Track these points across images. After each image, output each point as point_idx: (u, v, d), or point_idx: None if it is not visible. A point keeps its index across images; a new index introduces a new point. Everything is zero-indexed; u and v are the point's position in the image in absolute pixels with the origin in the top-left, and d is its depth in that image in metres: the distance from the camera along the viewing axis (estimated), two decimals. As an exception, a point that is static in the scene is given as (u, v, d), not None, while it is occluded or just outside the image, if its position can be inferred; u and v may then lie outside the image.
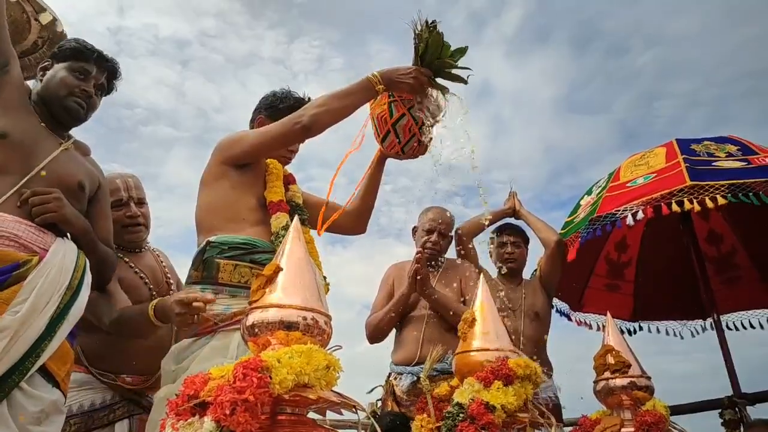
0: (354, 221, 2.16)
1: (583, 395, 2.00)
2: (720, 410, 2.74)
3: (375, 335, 2.73)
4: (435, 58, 1.84)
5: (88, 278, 1.54)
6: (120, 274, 1.92)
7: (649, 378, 1.88)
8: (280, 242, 1.67)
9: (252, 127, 2.11)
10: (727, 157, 2.72)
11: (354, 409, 1.16)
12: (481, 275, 1.85)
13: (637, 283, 3.72)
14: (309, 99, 2.05)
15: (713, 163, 2.69)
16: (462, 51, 1.85)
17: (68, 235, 1.56)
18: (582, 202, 3.22)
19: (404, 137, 1.94)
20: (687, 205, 2.52)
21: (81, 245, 1.56)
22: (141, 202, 2.13)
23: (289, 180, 2.10)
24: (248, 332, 1.14)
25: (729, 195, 2.49)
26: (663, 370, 1.93)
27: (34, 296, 1.35)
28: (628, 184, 2.85)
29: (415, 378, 2.53)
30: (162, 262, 2.20)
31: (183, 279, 2.03)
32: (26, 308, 1.33)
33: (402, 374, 2.60)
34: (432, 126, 1.90)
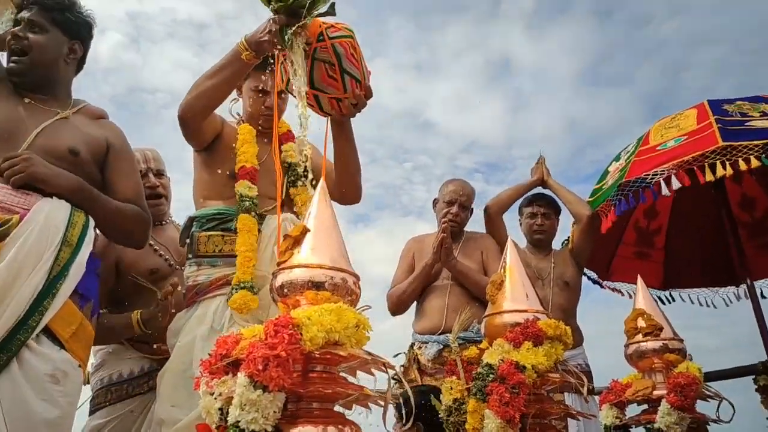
0: (339, 194, 1.94)
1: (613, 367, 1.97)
2: (754, 376, 2.69)
3: (398, 307, 2.76)
4: (284, 1, 1.52)
5: (90, 235, 1.53)
6: None
7: (681, 341, 1.85)
8: (239, 211, 1.75)
9: (238, 94, 2.08)
10: (761, 116, 2.61)
11: (384, 368, 1.17)
12: (509, 240, 1.83)
13: (668, 251, 3.63)
14: None
15: (746, 123, 2.59)
16: None
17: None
18: (610, 169, 3.14)
19: (325, 105, 1.65)
20: (720, 171, 2.44)
21: (77, 204, 1.53)
22: (160, 174, 2.15)
23: (282, 139, 2.05)
24: (277, 293, 1.15)
25: (763, 156, 2.41)
26: (692, 345, 1.90)
27: (15, 252, 1.35)
28: (658, 148, 2.76)
29: (441, 347, 2.55)
30: None
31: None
32: (8, 264, 1.34)
33: (427, 343, 2.62)
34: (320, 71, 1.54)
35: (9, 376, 1.30)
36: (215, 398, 1.05)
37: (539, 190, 3.10)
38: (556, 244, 3.11)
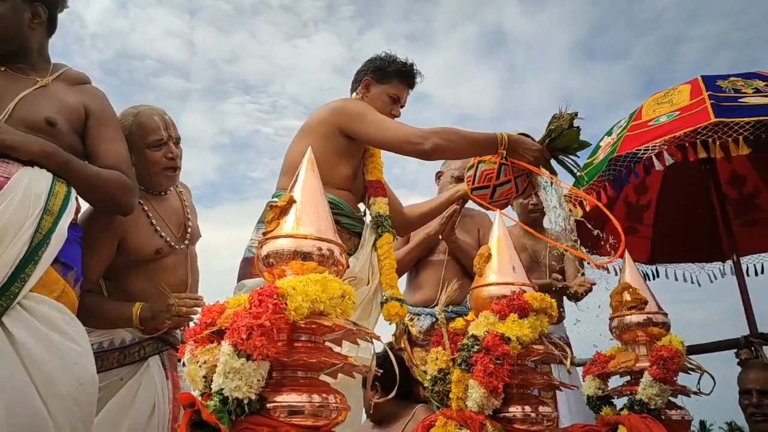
0: (402, 228, 2.29)
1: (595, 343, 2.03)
2: (736, 350, 2.73)
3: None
4: (562, 147, 1.97)
5: (71, 205, 1.52)
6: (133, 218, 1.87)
7: (665, 314, 1.87)
8: (380, 224, 1.96)
9: (355, 88, 2.19)
10: (754, 92, 2.60)
11: (369, 338, 1.18)
12: (498, 214, 1.83)
13: (656, 226, 3.65)
14: (413, 64, 2.17)
15: (739, 100, 2.58)
16: (586, 145, 2.01)
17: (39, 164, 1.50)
18: (602, 144, 3.13)
19: (498, 197, 2.06)
20: (712, 152, 2.43)
21: (51, 170, 1.50)
22: (178, 141, 2.04)
23: (377, 190, 2.17)
24: (263, 263, 1.15)
25: (751, 138, 2.41)
26: (678, 319, 1.92)
27: None
28: (650, 123, 2.75)
29: (435, 319, 2.58)
30: (185, 201, 2.15)
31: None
32: None
33: (420, 315, 2.65)
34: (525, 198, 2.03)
35: (14, 316, 1.33)
36: (200, 366, 1.05)
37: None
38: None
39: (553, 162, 2.05)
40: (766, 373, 2.25)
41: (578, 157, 2.05)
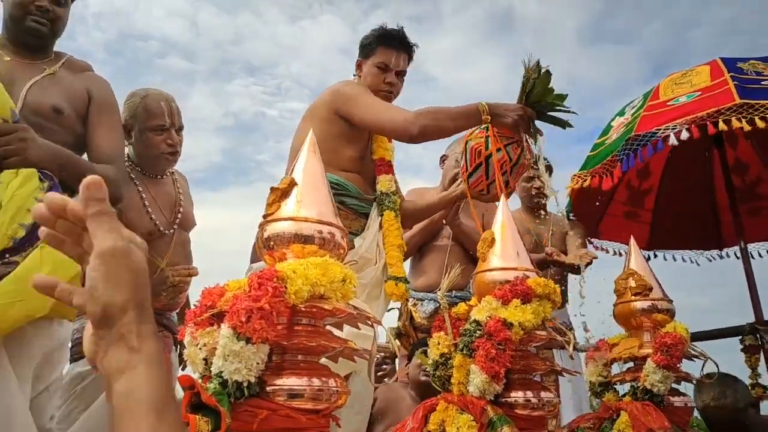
0: (408, 222, 2.31)
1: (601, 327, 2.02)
2: (741, 336, 2.72)
3: None
4: (540, 98, 1.90)
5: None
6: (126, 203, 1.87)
7: (670, 301, 1.85)
8: (381, 203, 1.96)
9: (356, 73, 2.20)
10: (775, 76, 2.54)
11: (370, 323, 1.17)
12: (502, 198, 1.81)
13: (656, 212, 3.61)
14: (392, 27, 2.14)
15: (762, 82, 2.52)
16: (562, 97, 1.91)
17: None
18: (613, 124, 3.07)
19: (492, 174, 1.97)
20: (735, 124, 2.37)
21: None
22: (180, 129, 2.06)
23: (382, 168, 2.17)
24: (264, 245, 1.14)
25: None
26: (683, 306, 1.91)
27: None
28: (669, 103, 2.68)
29: (438, 304, 2.58)
30: (179, 188, 2.16)
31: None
32: None
33: (424, 300, 2.65)
34: (522, 166, 1.97)
35: None
36: (200, 348, 1.05)
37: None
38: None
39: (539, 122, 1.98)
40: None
41: (566, 107, 1.93)
